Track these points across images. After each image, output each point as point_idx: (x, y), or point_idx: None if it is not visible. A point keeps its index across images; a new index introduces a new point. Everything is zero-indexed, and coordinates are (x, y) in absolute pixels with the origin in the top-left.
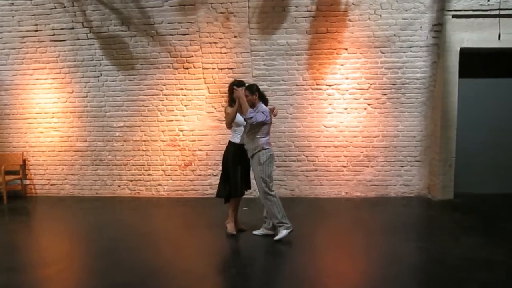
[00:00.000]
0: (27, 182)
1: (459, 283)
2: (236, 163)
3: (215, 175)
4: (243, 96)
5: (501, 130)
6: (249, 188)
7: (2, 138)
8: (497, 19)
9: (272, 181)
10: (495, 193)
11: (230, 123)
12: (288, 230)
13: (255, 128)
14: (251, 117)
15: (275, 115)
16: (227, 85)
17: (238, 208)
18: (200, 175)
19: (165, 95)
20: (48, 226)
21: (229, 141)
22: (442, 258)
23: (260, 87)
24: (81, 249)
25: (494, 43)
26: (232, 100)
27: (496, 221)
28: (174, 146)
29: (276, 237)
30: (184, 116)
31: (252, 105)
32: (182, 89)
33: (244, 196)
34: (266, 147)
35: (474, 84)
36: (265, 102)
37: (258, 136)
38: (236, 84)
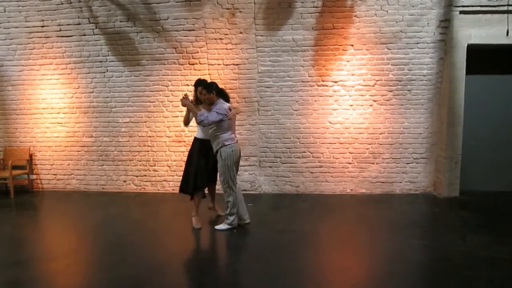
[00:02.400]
0: (34, 177)
1: (465, 281)
2: (199, 158)
3: None
4: (189, 104)
5: (508, 127)
6: (213, 183)
7: (9, 133)
8: (506, 15)
9: (234, 176)
10: (502, 191)
11: (185, 123)
12: (229, 227)
13: (214, 125)
14: (202, 120)
15: (233, 114)
16: (233, 81)
17: (200, 201)
18: None
19: (170, 91)
20: (54, 221)
21: (194, 136)
22: (447, 255)
23: (265, 83)
24: (88, 243)
25: (502, 39)
26: (196, 98)
27: (502, 219)
28: (180, 142)
29: (217, 226)
30: None
31: (211, 103)
32: (187, 85)
33: (249, 192)
34: (227, 143)
35: (481, 81)
36: (226, 98)
37: (218, 133)
38: (197, 83)
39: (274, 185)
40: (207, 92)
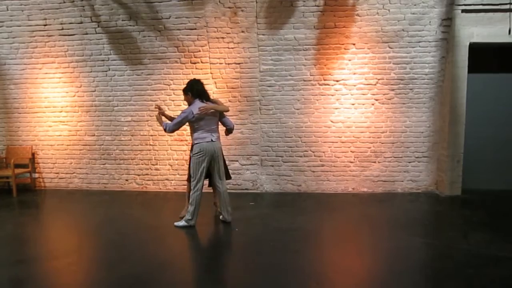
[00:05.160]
0: (36, 175)
1: (467, 279)
2: None
3: None
4: (157, 116)
5: (510, 126)
6: (229, 178)
7: (12, 131)
8: (508, 13)
9: (200, 175)
10: (504, 189)
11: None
12: (186, 224)
13: (190, 125)
14: (164, 129)
15: (202, 112)
16: (235, 80)
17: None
18: None
19: (172, 90)
20: (57, 219)
21: None
22: (449, 254)
23: (267, 82)
24: (90, 242)
25: (504, 38)
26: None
27: (504, 217)
28: (181, 140)
29: (176, 223)
30: None
31: (190, 104)
32: None
33: (251, 190)
34: (196, 142)
35: (483, 79)
36: (203, 98)
37: (192, 132)
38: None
39: (275, 184)
40: (184, 94)
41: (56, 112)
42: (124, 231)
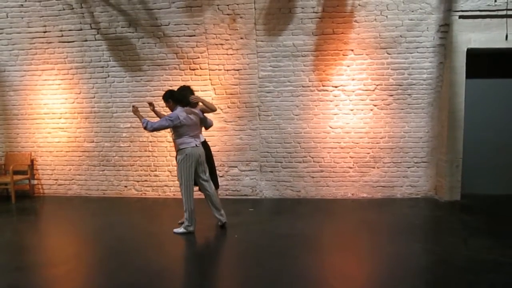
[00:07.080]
0: (35, 182)
1: (467, 285)
2: None
3: (221, 176)
4: (136, 113)
5: (508, 131)
6: (215, 187)
7: (11, 138)
8: (505, 19)
9: (188, 180)
10: (503, 194)
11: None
12: (185, 231)
13: (172, 131)
14: (145, 127)
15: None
16: (234, 86)
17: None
18: None
19: None
20: (55, 226)
21: None
22: (449, 259)
23: (266, 88)
24: (89, 249)
25: (502, 44)
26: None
27: (504, 222)
28: None
29: (175, 230)
30: None
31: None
32: None
33: (250, 197)
34: (181, 147)
35: (481, 85)
36: (184, 104)
37: (175, 138)
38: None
39: (275, 190)
40: (165, 102)
41: (55, 119)
42: (123, 237)
